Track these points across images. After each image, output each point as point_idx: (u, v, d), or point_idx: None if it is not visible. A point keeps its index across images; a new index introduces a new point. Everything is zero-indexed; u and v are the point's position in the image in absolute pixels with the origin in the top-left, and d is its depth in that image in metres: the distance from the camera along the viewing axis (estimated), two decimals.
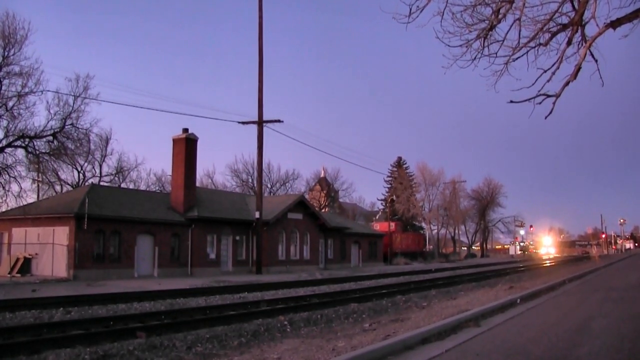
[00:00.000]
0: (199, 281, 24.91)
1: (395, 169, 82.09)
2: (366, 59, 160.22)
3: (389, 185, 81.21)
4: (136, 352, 7.86)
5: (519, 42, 8.88)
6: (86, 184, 41.53)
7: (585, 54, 8.61)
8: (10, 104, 27.25)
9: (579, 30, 8.80)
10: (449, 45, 8.71)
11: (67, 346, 8.19)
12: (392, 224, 62.83)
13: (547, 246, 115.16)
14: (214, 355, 7.72)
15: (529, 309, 11.75)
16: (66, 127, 30.16)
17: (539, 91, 9.03)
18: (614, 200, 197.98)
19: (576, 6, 8.44)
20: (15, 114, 27.52)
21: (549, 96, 9.12)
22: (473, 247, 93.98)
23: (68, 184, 44.05)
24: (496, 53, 9.03)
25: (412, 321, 9.36)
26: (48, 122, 29.75)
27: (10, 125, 27.71)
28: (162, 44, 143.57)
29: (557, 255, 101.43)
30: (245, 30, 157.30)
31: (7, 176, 27.89)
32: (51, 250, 27.19)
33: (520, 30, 8.75)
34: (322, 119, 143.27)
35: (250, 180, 58.70)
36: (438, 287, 20.34)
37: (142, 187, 50.61)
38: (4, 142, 27.93)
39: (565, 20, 8.81)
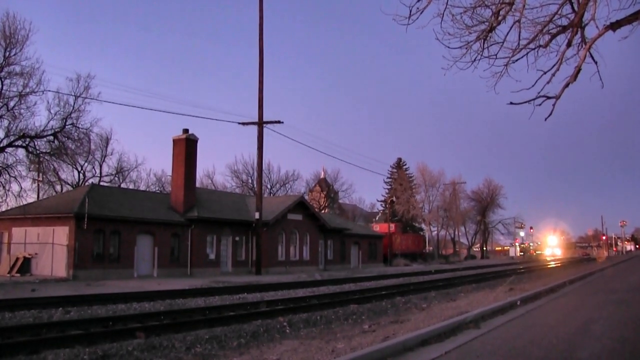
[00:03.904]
0: (198, 281, 24.91)
1: (395, 170, 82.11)
2: (366, 60, 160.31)
3: (389, 187, 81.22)
4: (135, 353, 7.85)
5: (518, 44, 8.88)
6: (86, 183, 41.56)
7: (585, 56, 8.60)
8: (12, 103, 27.36)
9: (579, 32, 8.79)
10: (448, 47, 8.70)
11: (66, 346, 8.18)
12: (392, 225, 62.81)
13: (552, 247, 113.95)
14: (213, 356, 7.71)
15: (529, 311, 11.74)
16: (67, 126, 30.23)
17: (539, 93, 9.02)
18: (614, 202, 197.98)
19: (576, 8, 8.43)
20: (16, 113, 27.61)
21: (549, 98, 9.11)
22: (473, 249, 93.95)
23: (68, 184, 44.07)
24: (496, 55, 9.02)
25: (412, 323, 9.35)
26: (49, 121, 29.86)
27: (11, 125, 27.81)
28: (163, 45, 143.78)
29: (561, 256, 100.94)
30: (246, 31, 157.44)
31: (7, 176, 27.97)
32: (51, 250, 27.19)
33: (520, 32, 8.75)
34: (322, 119, 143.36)
35: (250, 180, 58.74)
36: (438, 288, 20.32)
37: (142, 188, 50.70)
38: (5, 142, 28.00)
39: (565, 22, 8.80)
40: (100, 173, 46.69)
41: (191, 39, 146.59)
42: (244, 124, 34.85)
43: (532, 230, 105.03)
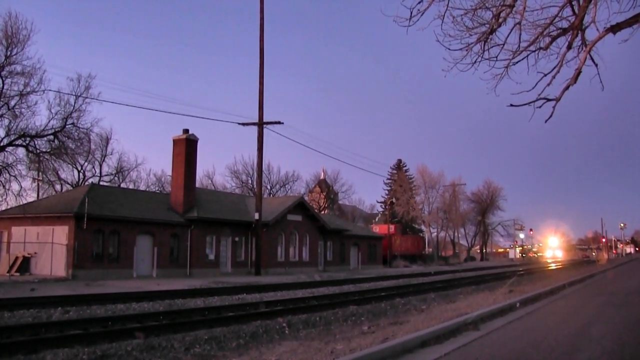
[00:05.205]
0: (197, 282, 24.89)
1: (395, 172, 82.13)
2: (367, 62, 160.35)
3: (389, 188, 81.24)
4: (134, 353, 7.84)
5: (519, 46, 8.89)
6: (86, 183, 41.57)
7: (586, 58, 8.62)
8: (12, 103, 27.28)
9: (579, 35, 8.81)
10: (449, 49, 8.72)
11: (65, 346, 8.17)
12: (392, 227, 62.84)
13: (552, 248, 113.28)
14: (212, 357, 7.71)
15: (529, 313, 11.73)
16: (67, 126, 30.17)
17: (539, 95, 9.04)
18: (614, 205, 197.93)
19: (576, 10, 8.45)
20: (17, 113, 27.53)
21: (549, 100, 9.13)
22: (473, 250, 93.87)
23: (68, 184, 44.10)
24: (496, 56, 9.03)
25: (411, 324, 9.34)
26: (49, 121, 29.78)
27: (12, 124, 27.74)
28: (163, 45, 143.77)
29: (561, 258, 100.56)
30: (246, 30, 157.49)
31: (7, 175, 27.90)
32: (50, 249, 27.18)
33: (520, 34, 8.77)
34: (321, 120, 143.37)
35: (250, 181, 58.74)
36: (437, 290, 20.31)
37: (142, 187, 50.71)
38: (5, 141, 27.94)
39: (565, 24, 8.82)
40: (100, 173, 46.77)
41: (191, 39, 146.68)
42: (244, 124, 34.88)
43: (532, 232, 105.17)
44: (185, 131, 33.61)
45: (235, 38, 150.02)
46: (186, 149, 33.31)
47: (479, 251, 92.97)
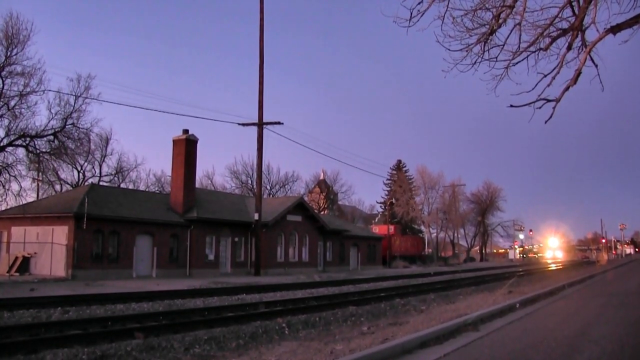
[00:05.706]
0: (197, 282, 24.88)
1: (394, 172, 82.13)
2: (367, 62, 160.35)
3: (389, 188, 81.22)
4: (134, 353, 7.84)
5: (519, 47, 8.90)
6: (86, 183, 41.56)
7: (586, 59, 8.63)
8: (12, 103, 27.29)
9: (579, 35, 8.82)
10: (449, 49, 8.73)
11: (65, 346, 8.17)
12: (391, 227, 62.83)
13: (553, 249, 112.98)
14: (211, 357, 7.71)
15: (528, 314, 11.74)
16: (67, 126, 30.16)
17: (539, 95, 9.05)
18: (614, 205, 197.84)
19: (576, 11, 8.46)
20: (17, 113, 27.53)
21: (549, 101, 9.14)
22: (473, 251, 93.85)
23: (68, 184, 44.08)
24: (496, 57, 9.04)
25: (411, 325, 9.34)
26: (49, 121, 29.78)
27: (12, 124, 27.74)
28: (163, 45, 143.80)
29: (561, 259, 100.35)
30: (246, 30, 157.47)
31: (7, 175, 27.90)
32: (50, 249, 27.17)
33: (520, 35, 8.78)
34: (322, 120, 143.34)
35: (249, 181, 58.72)
36: (437, 290, 20.30)
37: (142, 188, 50.71)
38: (5, 141, 27.94)
39: (565, 25, 8.83)
40: (100, 173, 46.76)
41: (191, 39, 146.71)
42: (244, 124, 34.89)
43: (531, 233, 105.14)
44: (185, 131, 33.62)
45: (235, 38, 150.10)
46: (186, 149, 33.32)
47: (478, 252, 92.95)
